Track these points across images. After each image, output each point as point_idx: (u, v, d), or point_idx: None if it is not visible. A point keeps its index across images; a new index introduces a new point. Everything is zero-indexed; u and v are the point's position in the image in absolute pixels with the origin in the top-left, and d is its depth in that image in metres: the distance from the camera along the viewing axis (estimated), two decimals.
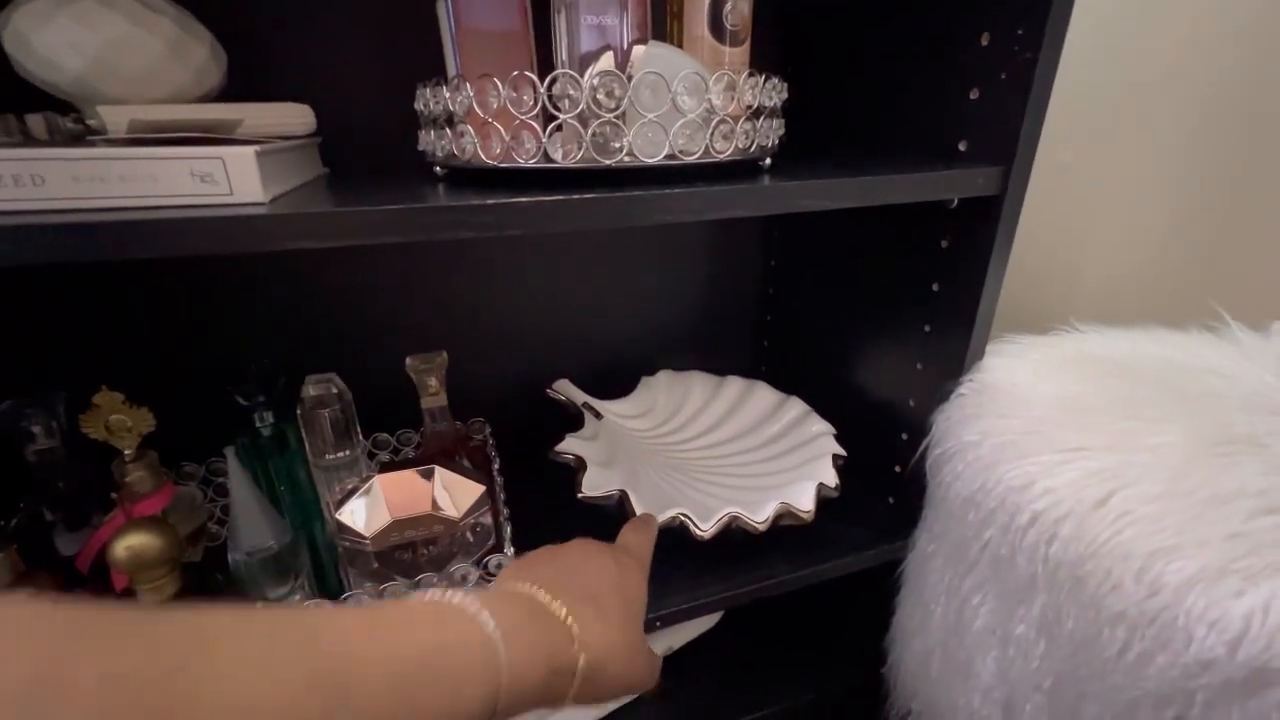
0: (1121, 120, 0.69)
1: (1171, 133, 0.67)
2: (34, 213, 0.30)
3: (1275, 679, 0.27)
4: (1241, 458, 0.37)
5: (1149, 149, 0.69)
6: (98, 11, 0.38)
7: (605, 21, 0.39)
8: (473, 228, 0.34)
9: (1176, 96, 0.66)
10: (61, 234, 0.29)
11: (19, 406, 0.50)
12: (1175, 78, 0.65)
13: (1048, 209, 0.73)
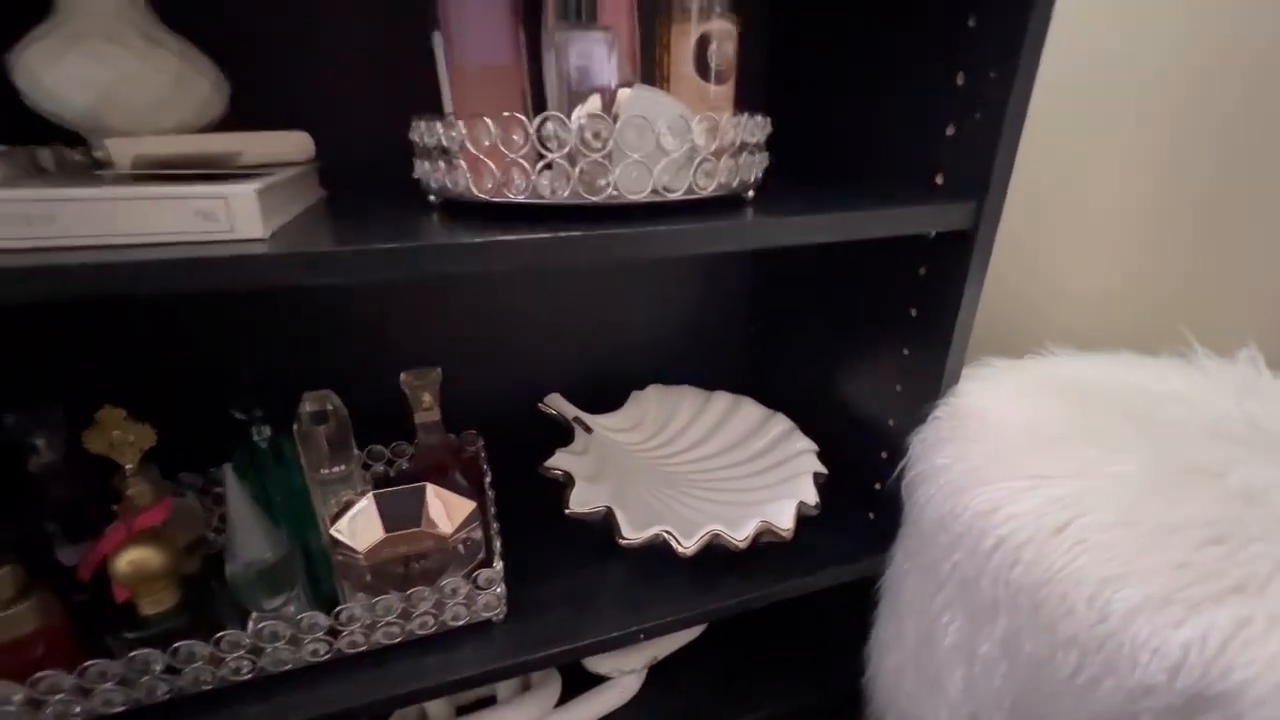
0: (1098, 145, 0.71)
1: (1146, 156, 0.69)
2: (45, 250, 0.32)
3: (1211, 705, 0.29)
4: (1195, 488, 0.39)
5: (1124, 172, 0.71)
6: (106, 49, 0.39)
7: (594, 62, 0.41)
8: (465, 265, 0.36)
9: (1150, 125, 0.68)
10: (71, 275, 0.30)
11: (22, 420, 0.52)
12: (1147, 109, 0.67)
13: (1026, 232, 0.75)
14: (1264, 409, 0.49)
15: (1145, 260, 0.71)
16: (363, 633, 0.49)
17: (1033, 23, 0.43)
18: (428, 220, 0.43)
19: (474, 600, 0.51)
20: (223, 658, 0.45)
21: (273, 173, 0.42)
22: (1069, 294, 0.75)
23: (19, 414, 0.52)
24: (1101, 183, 0.71)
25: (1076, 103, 0.67)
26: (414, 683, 0.49)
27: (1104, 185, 0.71)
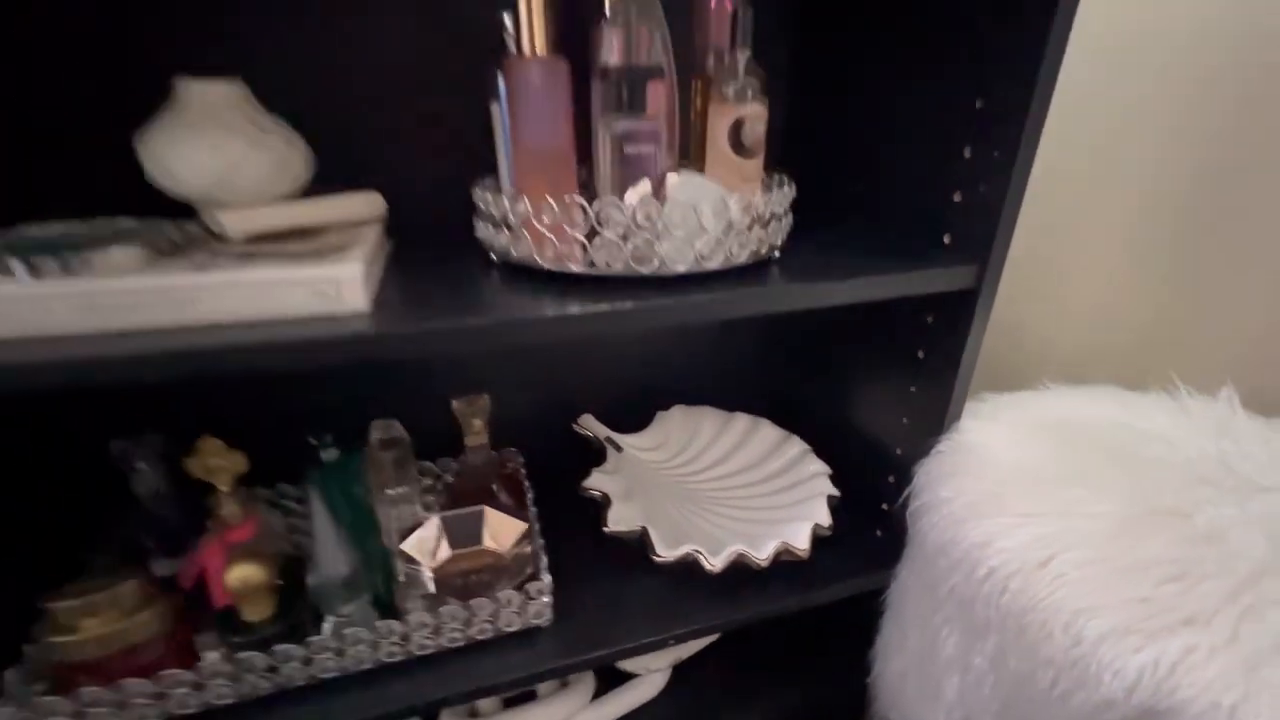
0: (1095, 195, 0.76)
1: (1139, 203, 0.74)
2: (191, 329, 0.38)
3: (1158, 719, 0.35)
4: (1163, 528, 0.45)
5: (1118, 217, 0.76)
6: (224, 139, 0.45)
7: (643, 150, 0.46)
8: (544, 336, 0.42)
9: (1140, 177, 0.73)
10: (215, 357, 0.36)
11: (127, 447, 0.59)
12: (1136, 161, 0.72)
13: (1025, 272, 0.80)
14: (1236, 448, 0.55)
15: (1136, 298, 0.76)
16: (430, 637, 0.56)
17: (1034, 108, 0.48)
18: (497, 287, 0.48)
19: (525, 609, 0.58)
20: (312, 658, 0.52)
21: (360, 238, 0.48)
22: (1065, 329, 0.80)
23: (125, 442, 0.58)
24: (1097, 226, 0.76)
25: (1078, 162, 0.72)
26: (473, 682, 0.56)
27: (1099, 228, 0.76)
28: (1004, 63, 0.49)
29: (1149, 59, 0.71)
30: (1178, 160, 0.71)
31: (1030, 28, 0.46)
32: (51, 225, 0.44)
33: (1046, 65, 0.47)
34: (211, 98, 0.46)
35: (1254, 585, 0.40)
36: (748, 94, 0.50)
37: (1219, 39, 0.67)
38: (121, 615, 0.49)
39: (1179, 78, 0.69)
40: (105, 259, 0.38)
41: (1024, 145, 0.49)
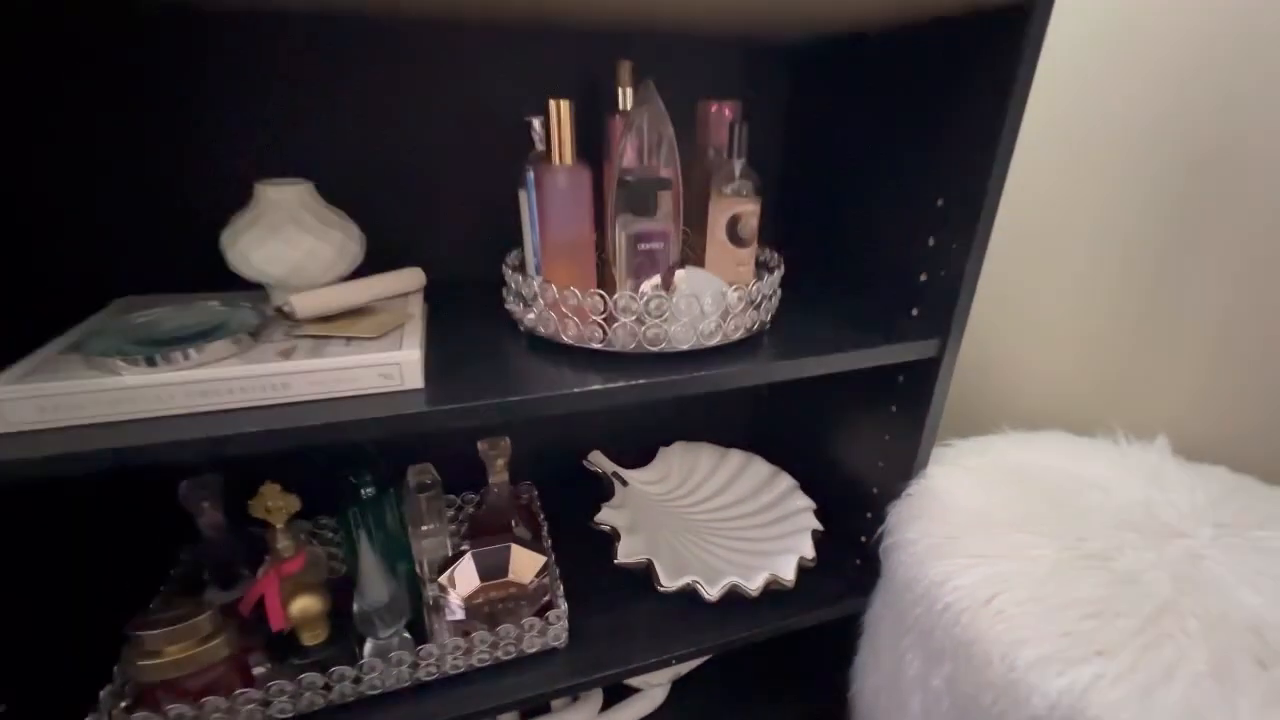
0: (1052, 258, 0.85)
1: (1093, 267, 0.83)
2: (279, 407, 0.46)
3: None
4: (1089, 571, 0.53)
5: (1072, 278, 0.85)
6: (296, 235, 0.53)
7: (654, 246, 0.55)
8: (571, 408, 0.50)
9: (1091, 251, 0.82)
10: (304, 433, 0.44)
11: (193, 488, 0.66)
12: (1087, 243, 0.82)
13: (991, 331, 0.89)
14: (1162, 496, 0.64)
15: (1083, 354, 0.86)
16: (462, 658, 0.63)
17: (985, 207, 0.57)
18: (526, 360, 0.56)
19: (545, 632, 0.66)
20: (361, 677, 0.60)
21: (408, 313, 0.56)
22: (1022, 380, 0.90)
23: (190, 483, 0.66)
24: (1048, 293, 0.86)
25: (1025, 239, 0.81)
26: (499, 698, 0.63)
27: (1050, 295, 0.86)
28: (959, 171, 0.58)
29: (1083, 154, 0.81)
30: (1114, 239, 0.80)
31: (980, 148, 0.55)
32: (154, 310, 0.52)
33: (994, 176, 0.55)
34: (285, 198, 0.54)
35: (1156, 622, 0.48)
36: (743, 193, 0.58)
37: (1150, 130, 0.76)
38: (198, 642, 0.56)
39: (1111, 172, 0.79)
40: (209, 350, 0.46)
41: (977, 237, 0.58)
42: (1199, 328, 0.76)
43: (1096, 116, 0.79)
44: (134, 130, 0.59)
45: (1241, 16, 0.68)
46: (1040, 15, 0.50)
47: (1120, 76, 0.77)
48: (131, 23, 0.56)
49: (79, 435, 0.41)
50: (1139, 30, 0.75)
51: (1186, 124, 0.74)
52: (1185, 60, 0.72)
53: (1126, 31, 0.75)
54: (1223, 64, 0.70)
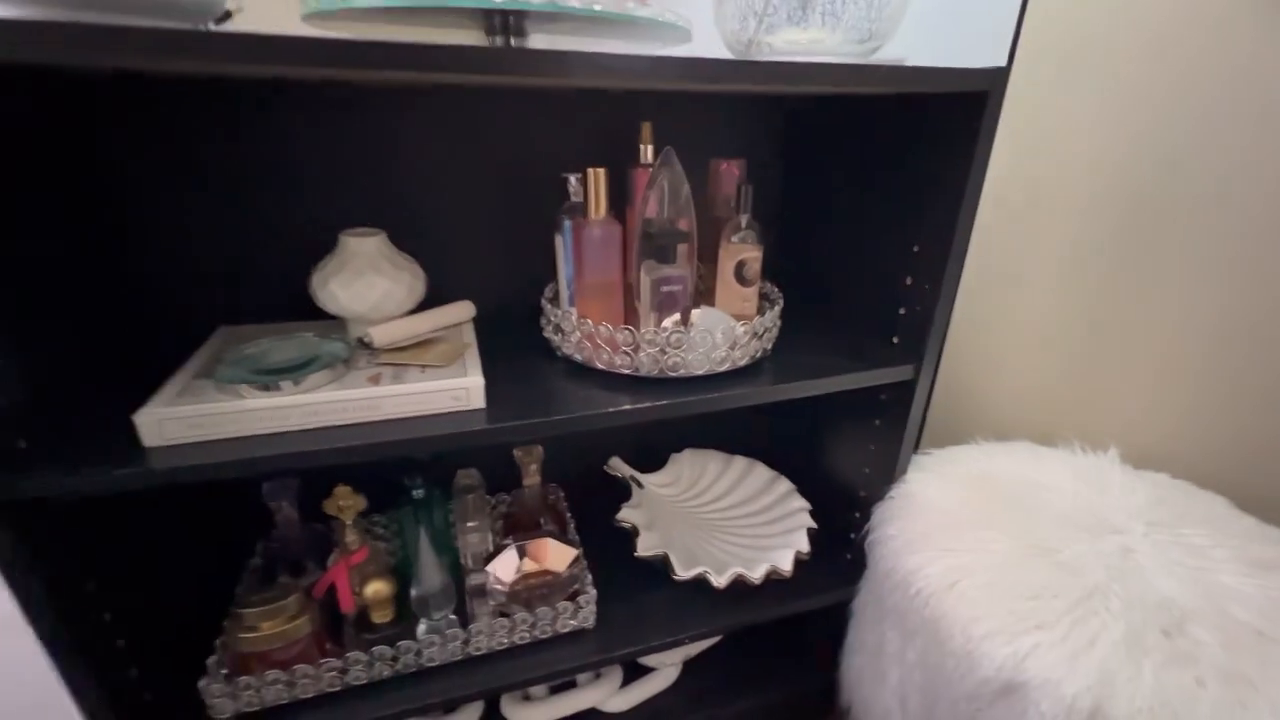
0: (1012, 299, 0.96)
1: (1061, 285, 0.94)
2: (372, 424, 0.57)
3: (1014, 690, 0.54)
4: (1037, 561, 0.64)
5: (1034, 315, 0.96)
6: (376, 279, 0.64)
7: (674, 289, 0.65)
8: (605, 424, 0.61)
9: (1054, 285, 0.93)
10: (391, 446, 0.55)
11: (273, 487, 0.76)
12: (1050, 277, 0.92)
13: (970, 352, 1.00)
14: (1106, 500, 0.74)
15: (1048, 372, 0.96)
16: (505, 636, 0.74)
17: (952, 253, 0.67)
18: (565, 383, 0.67)
19: (576, 614, 0.76)
20: (421, 650, 0.70)
21: (464, 340, 0.67)
22: (993, 396, 1.00)
23: (272, 484, 0.76)
24: (1015, 320, 0.97)
25: (991, 276, 0.92)
26: (536, 670, 0.74)
27: (1017, 321, 0.97)
28: (930, 222, 0.68)
29: (1041, 201, 0.91)
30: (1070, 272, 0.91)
31: (947, 203, 0.65)
32: (261, 341, 0.62)
33: (960, 228, 0.66)
34: (365, 248, 0.65)
35: (1085, 602, 0.58)
36: (748, 242, 0.69)
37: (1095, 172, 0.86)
38: (287, 619, 0.67)
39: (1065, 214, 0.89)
40: (313, 379, 0.56)
41: (946, 279, 0.68)
42: (1147, 349, 0.87)
43: (1050, 163, 0.90)
44: (234, 185, 0.70)
45: (1183, 68, 0.78)
46: (995, 98, 0.61)
47: (1074, 120, 0.87)
48: (237, 91, 0.67)
49: (222, 447, 0.52)
50: (1098, 74, 0.85)
51: (1129, 160, 0.84)
52: (1132, 101, 0.82)
53: (1087, 76, 0.85)
54: (1163, 107, 0.80)
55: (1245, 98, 0.74)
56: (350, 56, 0.41)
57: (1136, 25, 0.80)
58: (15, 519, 0.48)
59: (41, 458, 0.50)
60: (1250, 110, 0.74)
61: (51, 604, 0.51)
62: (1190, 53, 0.77)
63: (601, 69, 0.47)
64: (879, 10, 0.62)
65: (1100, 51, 0.83)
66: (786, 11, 0.60)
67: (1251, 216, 0.76)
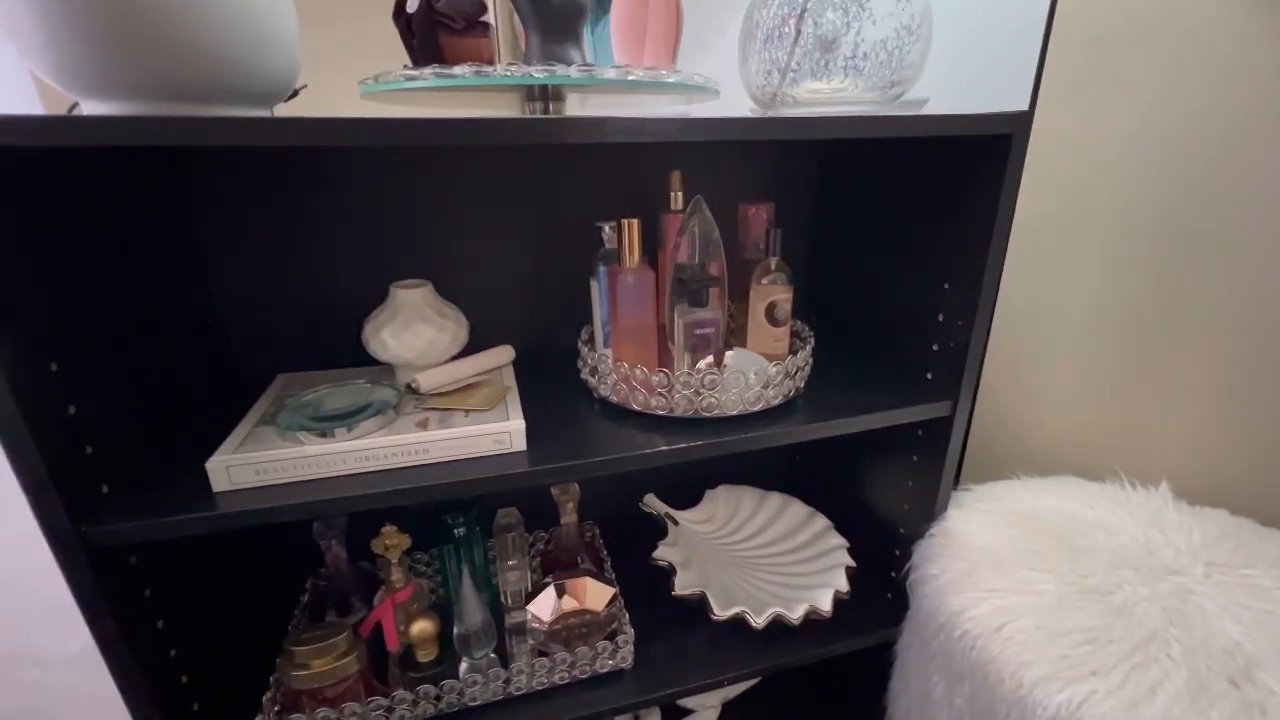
0: (1050, 330, 0.95)
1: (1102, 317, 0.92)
2: (420, 467, 0.59)
3: None
4: (1087, 604, 0.62)
5: (1072, 345, 0.95)
6: (424, 328, 0.68)
7: (707, 330, 0.67)
8: (645, 465, 0.62)
9: (1092, 311, 0.92)
10: (436, 489, 0.57)
11: (323, 526, 0.80)
12: (1087, 305, 0.91)
13: (1009, 384, 0.99)
14: (1161, 537, 0.72)
15: (1091, 405, 0.94)
16: (545, 676, 0.74)
17: (984, 290, 0.68)
18: (602, 424, 0.69)
19: (615, 654, 0.76)
20: (465, 690, 0.71)
21: (505, 385, 0.70)
22: (1034, 429, 0.98)
23: (322, 524, 0.80)
24: (1054, 351, 0.95)
25: (1028, 309, 0.92)
26: (576, 711, 0.74)
27: (1057, 352, 0.95)
28: (961, 260, 0.69)
29: (1080, 221, 0.91)
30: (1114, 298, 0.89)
31: (977, 242, 0.66)
32: (318, 389, 0.66)
33: (990, 266, 0.66)
34: (413, 299, 0.69)
35: (1145, 647, 0.56)
36: (778, 283, 0.71)
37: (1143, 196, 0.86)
38: (336, 657, 0.69)
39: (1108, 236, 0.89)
40: (364, 425, 0.60)
41: (979, 315, 0.68)
42: (1200, 378, 0.84)
43: (1092, 183, 0.89)
44: (290, 244, 0.75)
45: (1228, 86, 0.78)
46: (1020, 140, 0.62)
47: (1113, 146, 0.87)
48: (300, 157, 0.72)
49: (283, 491, 0.55)
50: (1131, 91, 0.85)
51: (1181, 188, 0.82)
52: (1177, 124, 0.82)
53: (1113, 101, 0.86)
54: (1216, 132, 0.79)
55: (1275, 114, 0.74)
56: (408, 132, 0.45)
57: (1157, 48, 0.81)
58: (96, 560, 0.51)
59: (121, 502, 0.54)
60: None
61: (126, 641, 0.54)
62: (1211, 78, 0.77)
63: (638, 132, 0.51)
64: (900, 59, 0.64)
65: (1125, 75, 0.84)
66: (809, 67, 0.63)
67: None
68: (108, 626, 0.53)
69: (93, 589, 0.51)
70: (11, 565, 0.67)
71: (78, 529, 0.49)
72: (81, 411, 0.51)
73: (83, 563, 0.50)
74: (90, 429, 0.52)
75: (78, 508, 0.50)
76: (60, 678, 0.68)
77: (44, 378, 0.48)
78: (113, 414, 0.56)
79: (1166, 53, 0.80)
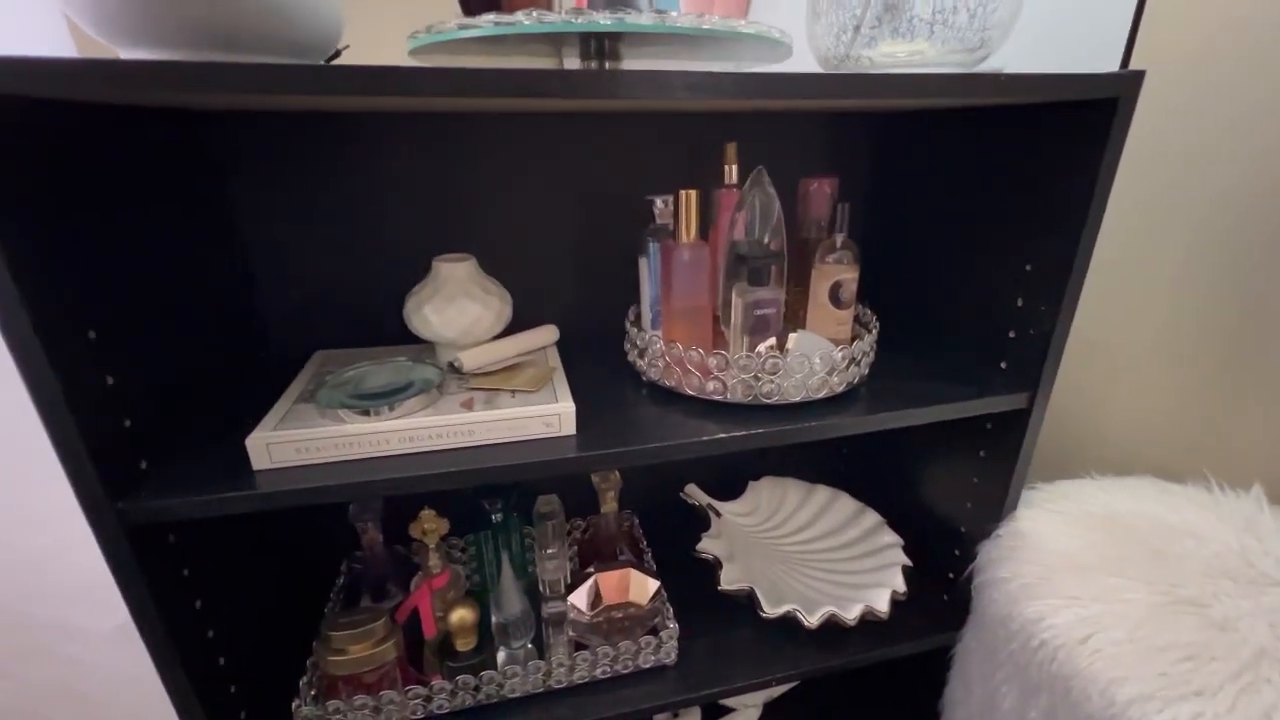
0: (1142, 297, 0.88)
1: (1182, 305, 0.85)
2: (467, 450, 0.56)
3: None
4: (1184, 616, 0.57)
5: (1163, 316, 0.88)
6: (468, 304, 0.64)
7: (768, 311, 0.63)
8: (699, 453, 0.58)
9: (1183, 284, 0.84)
10: (483, 473, 0.54)
11: (358, 509, 0.78)
12: (1177, 279, 0.84)
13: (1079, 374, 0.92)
14: (1259, 545, 0.66)
15: (1174, 397, 0.87)
16: (587, 669, 0.71)
17: (1073, 275, 0.62)
18: (652, 410, 0.65)
19: (658, 650, 0.73)
20: (504, 681, 0.69)
21: (550, 364, 0.66)
22: (1109, 423, 0.92)
23: (358, 506, 0.77)
24: (1136, 335, 0.88)
25: (1114, 277, 0.85)
26: (616, 707, 0.71)
27: (1138, 337, 0.88)
28: (1047, 240, 0.63)
29: (1166, 201, 0.84)
30: (1200, 285, 0.82)
31: (1068, 221, 0.60)
32: (359, 366, 0.63)
33: (1082, 248, 0.60)
34: (457, 273, 0.65)
35: (1254, 667, 0.51)
36: (844, 262, 0.66)
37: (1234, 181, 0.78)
38: (374, 643, 0.67)
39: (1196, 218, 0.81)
40: (408, 404, 0.57)
41: (1065, 301, 0.63)
42: None
43: (1181, 166, 0.82)
44: (330, 216, 0.72)
45: None
46: (1126, 105, 0.56)
47: (1204, 133, 0.80)
48: (336, 123, 0.69)
49: (325, 471, 0.53)
50: (1226, 87, 0.78)
51: (1259, 157, 0.75)
52: (1267, 116, 0.75)
53: (1209, 76, 0.78)
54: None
55: None
56: (468, 85, 0.41)
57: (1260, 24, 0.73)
58: (135, 537, 0.49)
59: (160, 478, 0.51)
60: None
61: (164, 620, 0.52)
62: None
63: (712, 90, 0.46)
64: (984, 19, 0.59)
65: (1222, 52, 0.76)
66: (893, 26, 0.58)
67: None
68: (146, 605, 0.51)
69: (131, 566, 0.50)
70: (51, 539, 0.66)
71: (116, 505, 0.47)
72: (119, 383, 0.49)
73: (121, 540, 0.48)
74: (128, 401, 0.50)
75: (116, 483, 0.48)
76: (97, 653, 0.67)
77: (82, 346, 0.46)
78: (150, 387, 0.53)
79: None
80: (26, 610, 0.66)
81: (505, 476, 0.55)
